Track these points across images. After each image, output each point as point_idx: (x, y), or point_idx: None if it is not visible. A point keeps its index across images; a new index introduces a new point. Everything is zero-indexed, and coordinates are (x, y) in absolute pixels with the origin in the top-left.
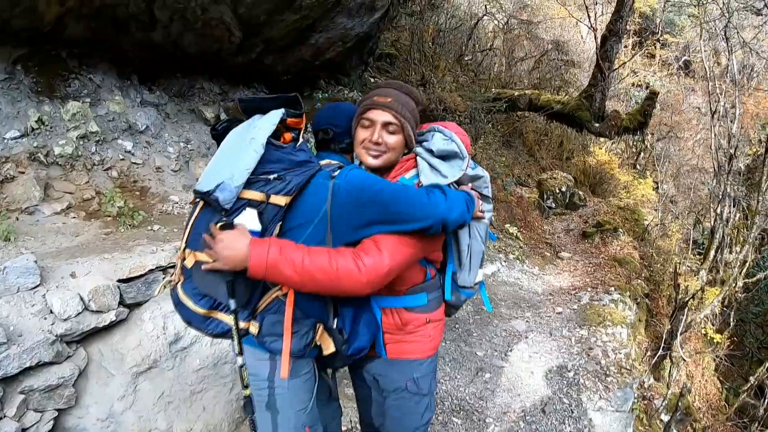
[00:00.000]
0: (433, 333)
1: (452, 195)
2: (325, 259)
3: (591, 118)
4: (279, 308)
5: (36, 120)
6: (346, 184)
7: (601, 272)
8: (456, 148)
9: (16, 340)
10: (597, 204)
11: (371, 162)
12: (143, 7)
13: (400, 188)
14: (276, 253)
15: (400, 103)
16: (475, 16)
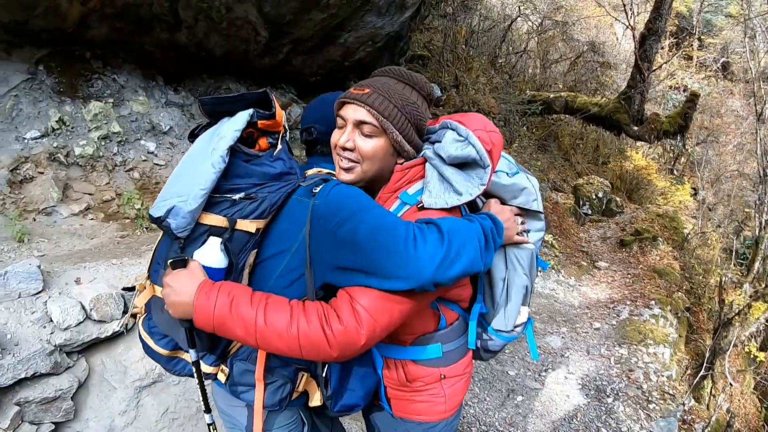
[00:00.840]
0: (450, 392)
1: (456, 237)
2: (283, 321)
3: (630, 121)
4: (250, 354)
5: (57, 120)
6: (324, 208)
7: (640, 284)
8: (474, 153)
9: (12, 350)
10: (634, 211)
11: (342, 176)
12: (167, 6)
13: (382, 227)
14: (224, 307)
15: (384, 95)
16: (509, 18)
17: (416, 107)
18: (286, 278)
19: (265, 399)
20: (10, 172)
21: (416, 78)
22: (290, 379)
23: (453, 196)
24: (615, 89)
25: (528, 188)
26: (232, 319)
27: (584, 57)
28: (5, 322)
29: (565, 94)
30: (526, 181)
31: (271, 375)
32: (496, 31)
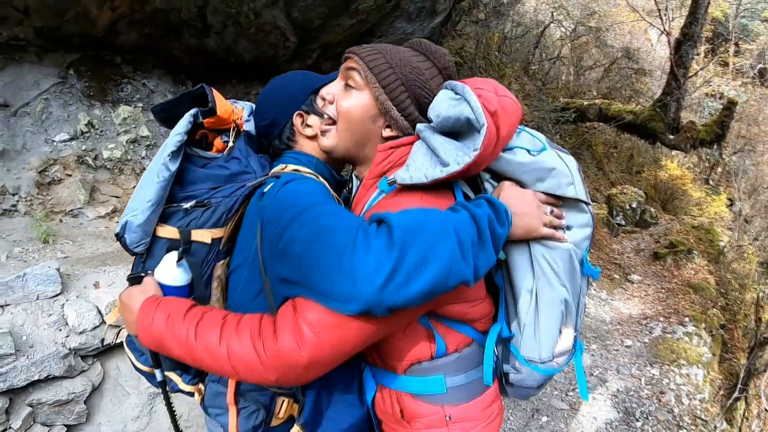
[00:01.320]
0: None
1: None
2: (214, 338)
3: (665, 130)
4: (221, 378)
5: (86, 123)
6: (270, 212)
7: (674, 299)
8: (468, 111)
9: (27, 351)
10: (669, 222)
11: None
12: (195, 12)
13: (317, 234)
14: (161, 324)
15: (382, 52)
16: (542, 24)
17: (419, 73)
18: (248, 291)
19: (239, 425)
20: (39, 173)
21: (433, 48)
22: (264, 405)
23: (438, 168)
24: (650, 96)
25: (558, 168)
26: (168, 336)
27: (618, 63)
28: (22, 324)
29: (599, 101)
30: (557, 159)
31: (243, 399)
32: (529, 37)
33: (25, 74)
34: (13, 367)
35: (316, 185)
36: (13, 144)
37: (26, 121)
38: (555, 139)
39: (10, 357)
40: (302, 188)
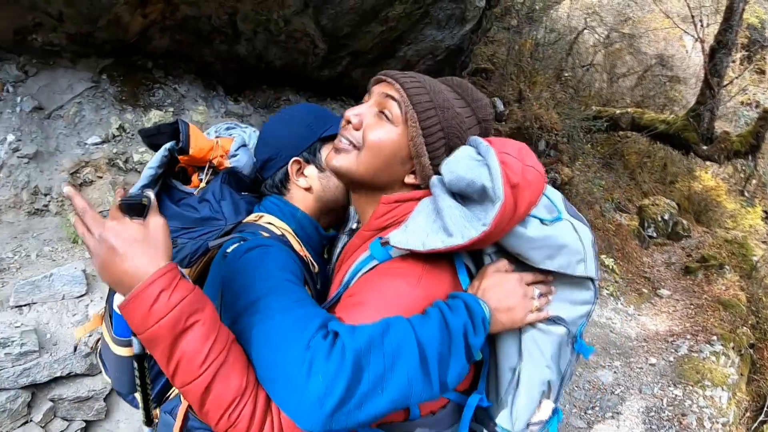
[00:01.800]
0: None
1: (374, 360)
2: (230, 394)
3: (698, 140)
4: (174, 408)
5: (117, 127)
6: (228, 282)
7: (703, 316)
8: (485, 179)
9: (50, 349)
10: (702, 235)
11: (329, 159)
12: (226, 19)
13: (268, 336)
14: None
15: (426, 88)
16: (575, 30)
17: (460, 122)
18: None
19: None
20: (71, 175)
21: (476, 95)
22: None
23: (439, 235)
24: (684, 105)
25: (569, 245)
26: (170, 349)
27: (652, 71)
28: (47, 322)
29: (632, 110)
30: (570, 233)
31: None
32: (561, 43)
33: (59, 78)
34: (37, 363)
35: (279, 255)
36: (46, 146)
37: (59, 124)
38: (586, 148)
39: (34, 354)
40: (265, 260)
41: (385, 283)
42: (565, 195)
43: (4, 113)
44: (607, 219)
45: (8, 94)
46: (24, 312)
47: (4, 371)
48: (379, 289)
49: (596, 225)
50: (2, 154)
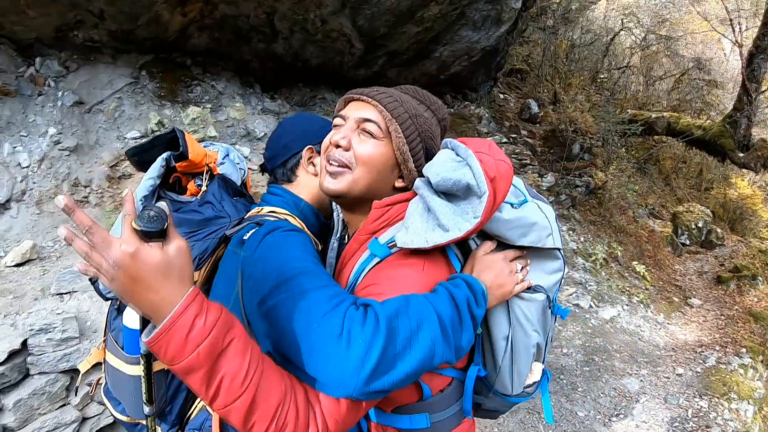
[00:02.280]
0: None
1: (402, 326)
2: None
3: (734, 147)
4: (204, 423)
5: (156, 122)
6: (252, 267)
7: (733, 327)
8: (469, 177)
9: (90, 336)
10: (736, 244)
11: (327, 185)
12: (264, 18)
13: (301, 312)
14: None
15: (398, 100)
16: (611, 31)
17: (430, 125)
18: None
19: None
20: (110, 168)
21: (433, 98)
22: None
23: (437, 232)
24: (721, 110)
25: (538, 222)
26: (210, 373)
27: (689, 74)
28: (87, 310)
29: (668, 114)
30: (537, 212)
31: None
32: (597, 45)
33: (99, 74)
34: (77, 349)
35: (298, 238)
36: (86, 139)
37: (99, 118)
38: (621, 152)
39: (74, 340)
40: (286, 243)
41: (395, 272)
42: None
43: (46, 107)
44: (640, 225)
45: (50, 89)
46: (65, 299)
47: (45, 356)
48: (391, 278)
49: (629, 231)
50: (44, 147)
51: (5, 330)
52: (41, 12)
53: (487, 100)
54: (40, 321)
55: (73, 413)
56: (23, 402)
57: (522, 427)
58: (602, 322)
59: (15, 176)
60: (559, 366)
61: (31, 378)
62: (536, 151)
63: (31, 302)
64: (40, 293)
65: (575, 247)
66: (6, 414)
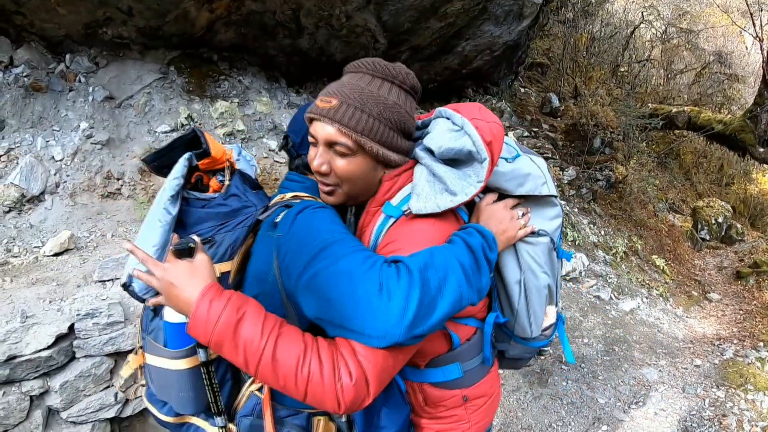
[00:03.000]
0: (475, 416)
1: (432, 276)
2: (294, 359)
3: (755, 142)
4: (255, 407)
5: (186, 117)
6: (288, 244)
7: (751, 322)
8: (469, 144)
9: (134, 321)
10: (756, 240)
11: (325, 199)
12: (290, 14)
13: (342, 274)
14: (228, 326)
15: (355, 104)
16: (632, 24)
17: (397, 107)
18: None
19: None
20: (142, 161)
21: (395, 70)
22: (302, 427)
23: (446, 196)
24: (742, 105)
25: (532, 173)
26: (234, 342)
27: (710, 68)
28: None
29: (688, 108)
30: (530, 164)
31: (281, 427)
32: (617, 38)
33: (128, 70)
34: (122, 333)
35: (327, 213)
36: (117, 133)
37: (129, 113)
38: (641, 146)
39: (119, 324)
40: (316, 220)
41: (410, 229)
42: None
43: (77, 102)
44: (660, 219)
45: (80, 84)
46: (107, 286)
47: (91, 339)
48: (408, 234)
49: (649, 225)
50: (76, 140)
51: (52, 315)
52: (71, 10)
53: (508, 93)
54: (86, 306)
55: (117, 394)
56: (69, 384)
57: (545, 412)
58: (622, 314)
59: (49, 169)
60: (580, 355)
61: (77, 361)
62: (557, 145)
63: (74, 289)
64: (83, 280)
65: (596, 240)
66: (52, 395)
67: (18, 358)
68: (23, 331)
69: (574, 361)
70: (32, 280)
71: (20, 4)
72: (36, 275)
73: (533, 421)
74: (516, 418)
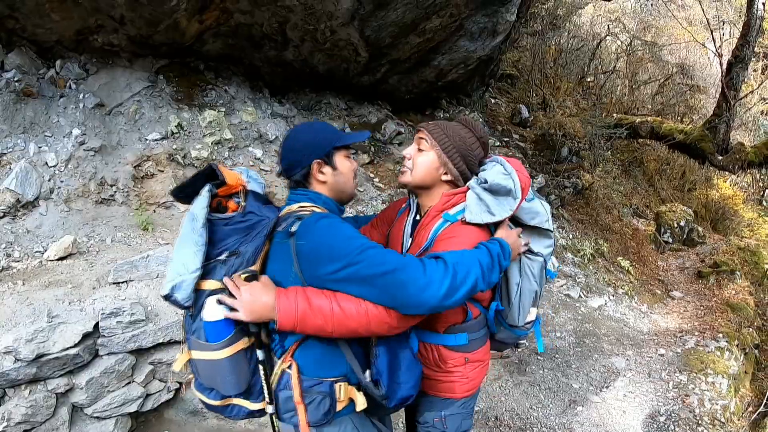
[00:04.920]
0: (471, 374)
1: (461, 268)
2: (353, 305)
3: (714, 151)
4: (287, 382)
5: (176, 125)
6: (312, 250)
7: (711, 316)
8: (511, 186)
9: (153, 319)
10: (716, 242)
11: (399, 178)
12: (276, 27)
13: (387, 261)
14: (305, 305)
15: (441, 128)
16: (598, 36)
17: (465, 141)
18: None
19: (310, 417)
20: (134, 168)
21: (475, 125)
22: (327, 394)
23: (487, 215)
24: (704, 114)
25: (540, 212)
26: (312, 312)
27: (673, 79)
28: (146, 296)
29: (651, 119)
30: (540, 206)
31: (308, 395)
32: (584, 49)
33: (117, 77)
34: (143, 331)
35: (341, 221)
36: (109, 140)
37: (120, 120)
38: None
39: (141, 322)
40: (337, 225)
41: (464, 229)
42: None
43: (68, 108)
44: (625, 223)
45: (71, 91)
46: (122, 288)
47: (115, 337)
48: (462, 232)
49: (614, 229)
50: (69, 147)
51: (76, 314)
52: (64, 16)
53: (480, 105)
54: (109, 306)
55: (138, 389)
56: (94, 380)
57: (525, 396)
58: (591, 310)
59: (43, 175)
60: (554, 347)
61: (100, 358)
62: (527, 154)
63: (90, 290)
64: (96, 282)
65: (565, 243)
66: (77, 392)
67: (46, 356)
68: (50, 330)
69: (543, 350)
70: (45, 282)
71: (14, 8)
72: (47, 278)
73: (515, 404)
74: (500, 402)
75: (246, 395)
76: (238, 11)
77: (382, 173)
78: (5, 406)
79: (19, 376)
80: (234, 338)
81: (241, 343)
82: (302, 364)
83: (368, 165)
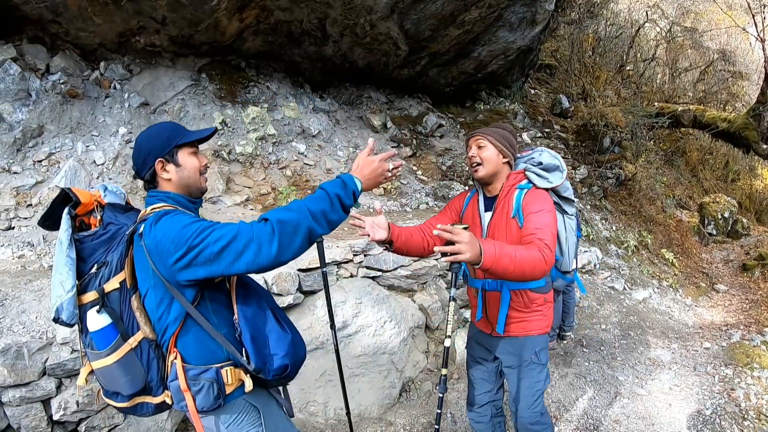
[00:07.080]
0: (548, 312)
1: (282, 225)
2: (526, 252)
3: (758, 139)
4: (175, 372)
5: (220, 122)
6: (157, 246)
7: (757, 310)
8: (558, 163)
9: None
10: (761, 234)
11: (475, 175)
12: (316, 23)
13: (225, 234)
14: (499, 249)
15: (489, 129)
16: (636, 23)
17: (509, 137)
18: (163, 304)
19: (201, 403)
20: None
21: (509, 127)
22: (214, 379)
23: (547, 183)
24: (747, 102)
25: (569, 187)
26: (503, 255)
27: (715, 66)
28: None
29: (693, 107)
30: (568, 183)
31: (196, 382)
32: (623, 37)
33: (161, 77)
34: None
35: (179, 213)
36: None
37: (165, 118)
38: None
39: None
40: (175, 219)
41: (539, 193)
42: (628, 190)
43: (114, 108)
44: (668, 215)
45: (116, 91)
46: None
47: None
48: (540, 195)
49: (657, 220)
50: (116, 145)
51: None
52: (106, 19)
53: (519, 96)
54: None
55: None
56: None
57: (571, 388)
58: (635, 303)
59: (91, 173)
60: (599, 339)
61: None
62: (569, 145)
63: None
64: None
65: (608, 235)
66: None
67: None
68: None
69: (585, 292)
70: None
71: (57, 13)
72: None
73: (561, 396)
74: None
75: (147, 392)
76: (278, 8)
77: (425, 166)
78: (62, 395)
79: (76, 366)
80: (119, 342)
81: (126, 346)
82: (186, 354)
83: (411, 158)
